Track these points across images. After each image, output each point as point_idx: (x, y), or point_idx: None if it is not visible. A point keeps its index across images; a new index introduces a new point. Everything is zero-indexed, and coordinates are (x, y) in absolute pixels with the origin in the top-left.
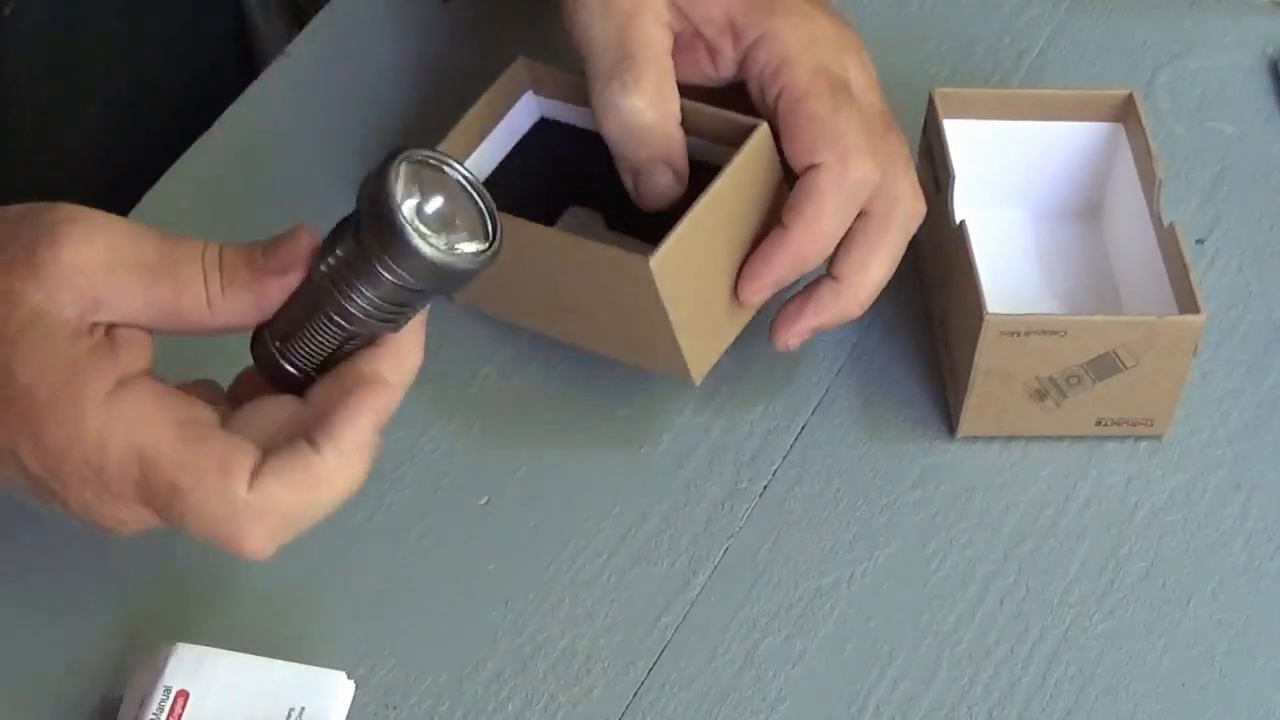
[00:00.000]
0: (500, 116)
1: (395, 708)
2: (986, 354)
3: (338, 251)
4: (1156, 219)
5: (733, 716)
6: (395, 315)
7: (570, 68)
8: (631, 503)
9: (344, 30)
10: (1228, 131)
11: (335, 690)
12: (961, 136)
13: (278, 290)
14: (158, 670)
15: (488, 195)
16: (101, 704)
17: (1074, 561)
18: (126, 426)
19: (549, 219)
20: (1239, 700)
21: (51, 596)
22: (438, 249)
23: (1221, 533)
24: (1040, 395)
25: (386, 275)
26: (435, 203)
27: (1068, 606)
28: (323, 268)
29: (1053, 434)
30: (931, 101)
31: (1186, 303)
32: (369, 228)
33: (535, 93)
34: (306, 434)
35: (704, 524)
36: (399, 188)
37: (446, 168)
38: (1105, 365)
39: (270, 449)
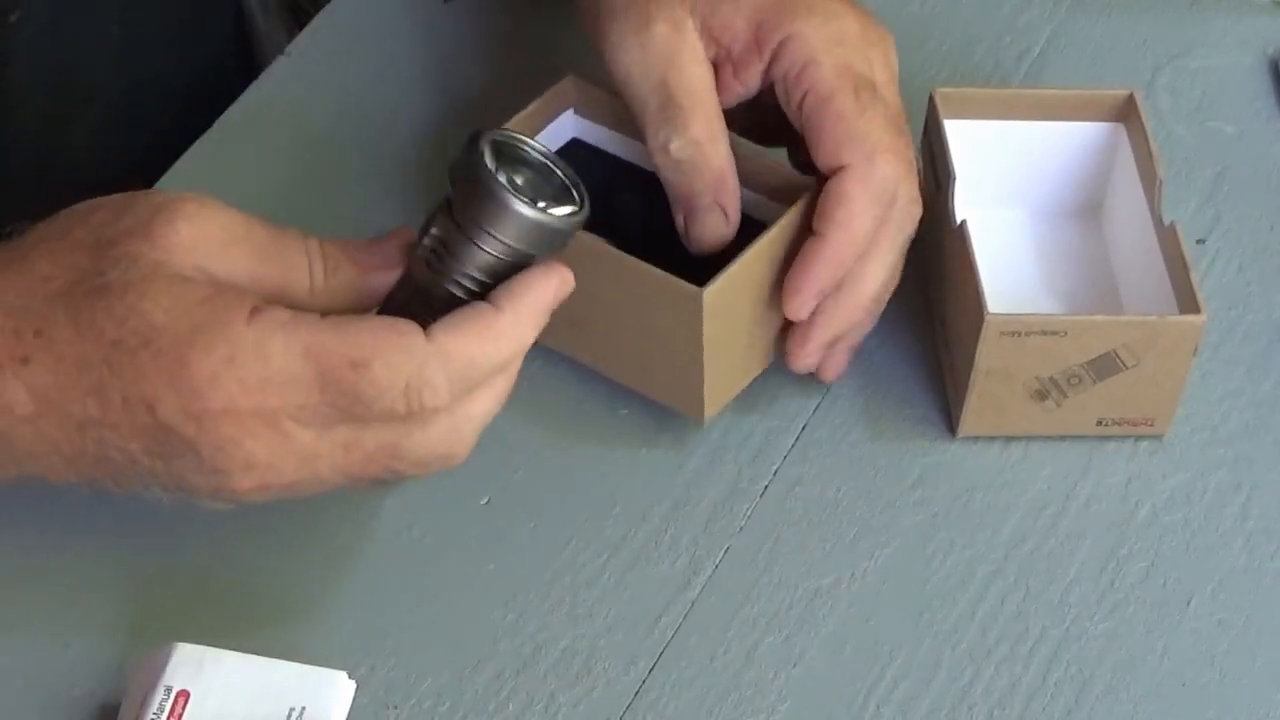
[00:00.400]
0: (539, 130)
1: (395, 708)
2: (987, 354)
3: (434, 232)
4: (1157, 219)
5: (733, 716)
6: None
7: (590, 77)
8: (631, 503)
9: (344, 30)
10: (1228, 131)
11: (335, 690)
12: (961, 136)
13: (380, 282)
14: (158, 670)
15: (567, 166)
16: (101, 704)
17: (1074, 561)
18: (284, 332)
19: None
20: (1239, 700)
21: (52, 596)
22: (537, 210)
23: (1221, 533)
24: (1040, 395)
25: (486, 248)
26: (521, 174)
27: (1068, 606)
28: (421, 254)
29: (1053, 434)
30: (931, 101)
31: (1187, 303)
32: (465, 203)
33: (577, 112)
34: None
35: (704, 524)
36: (490, 161)
37: (523, 145)
38: (1105, 365)
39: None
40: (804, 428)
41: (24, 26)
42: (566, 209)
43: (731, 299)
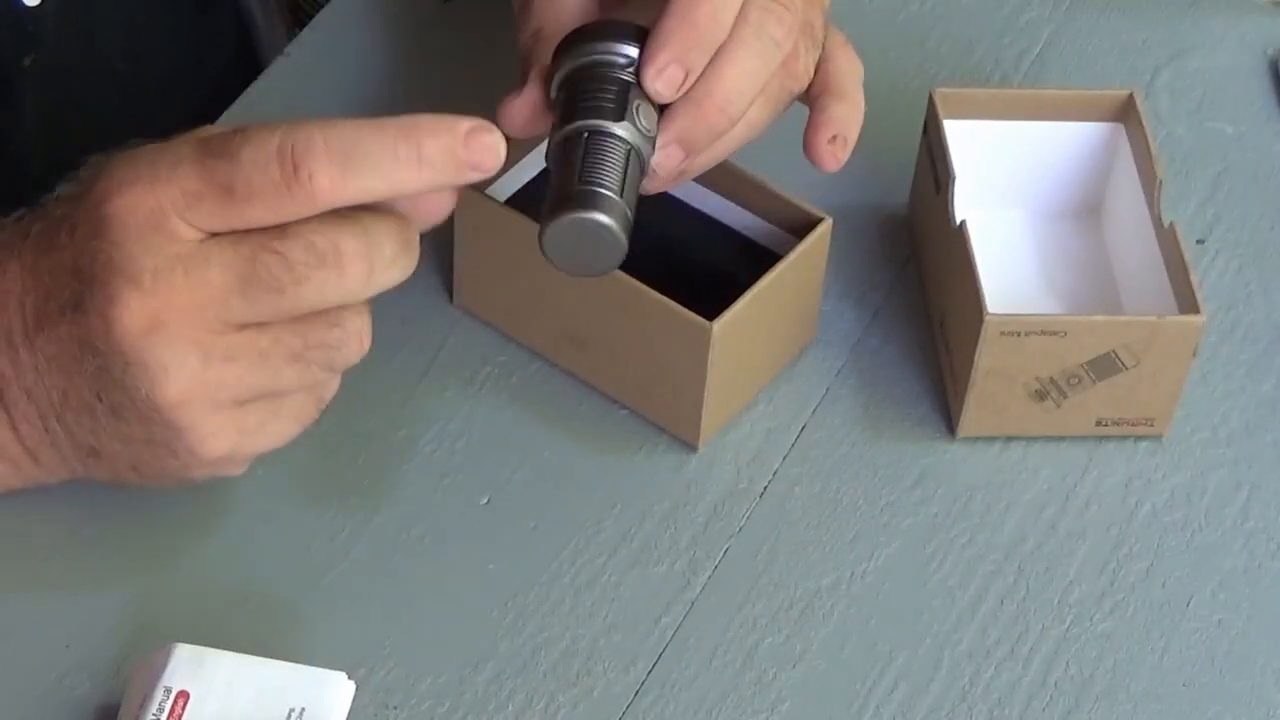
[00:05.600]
0: (541, 140)
1: (395, 708)
2: (986, 354)
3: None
4: (1156, 219)
5: (733, 716)
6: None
7: None
8: (631, 503)
9: (344, 30)
10: (1228, 131)
11: (335, 690)
12: (961, 136)
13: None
14: (158, 670)
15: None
16: (101, 704)
17: (1074, 561)
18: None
19: None
20: (1239, 700)
21: (51, 596)
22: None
23: (1221, 533)
24: (1040, 395)
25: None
26: None
27: (1068, 606)
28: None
29: (1053, 434)
30: (931, 101)
31: (1186, 303)
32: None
33: None
34: None
35: (704, 524)
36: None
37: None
38: (1105, 365)
39: None
40: (804, 428)
41: (36, 67)
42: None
43: (739, 331)
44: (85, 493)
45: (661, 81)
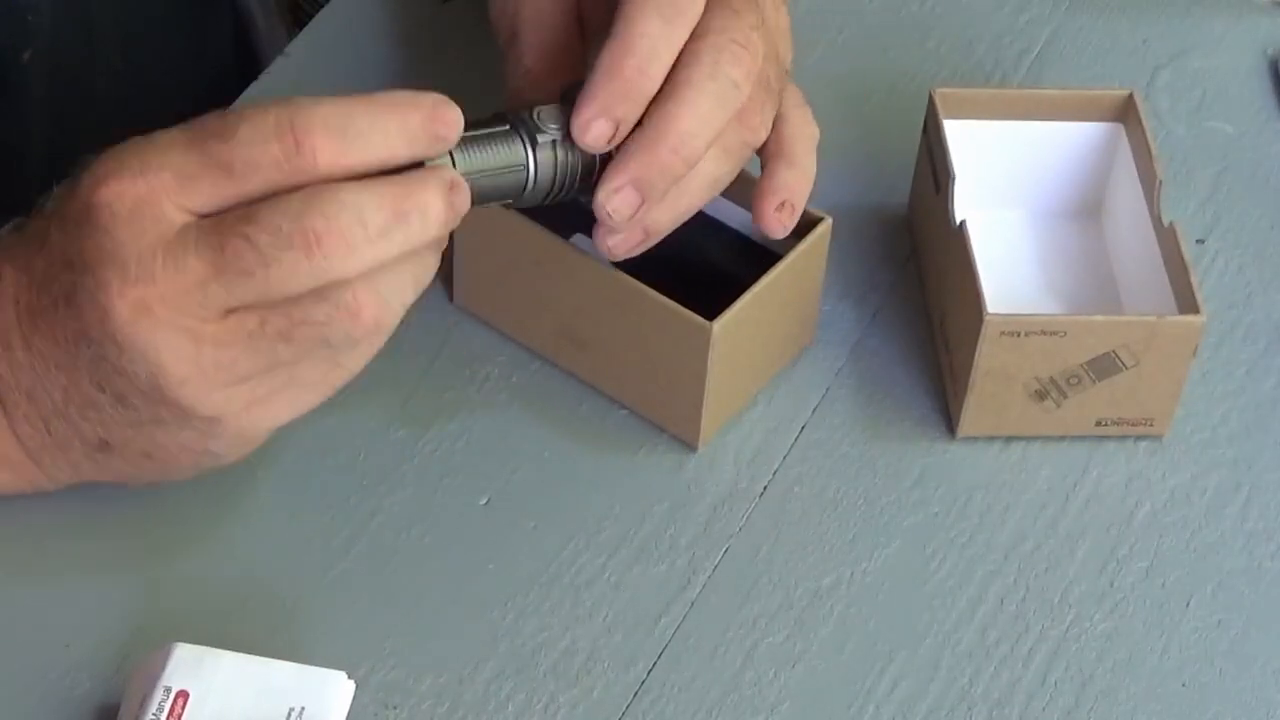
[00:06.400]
0: None
1: (395, 708)
2: (986, 354)
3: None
4: (1156, 219)
5: (733, 716)
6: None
7: None
8: (631, 503)
9: (344, 30)
10: (1228, 131)
11: (335, 690)
12: (961, 136)
13: None
14: (158, 670)
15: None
16: (101, 704)
17: (1074, 561)
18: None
19: None
20: (1239, 700)
21: (51, 596)
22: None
23: (1221, 533)
24: (1040, 395)
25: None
26: None
27: (1068, 606)
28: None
29: (1053, 434)
30: (931, 101)
31: (1186, 303)
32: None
33: None
34: None
35: (704, 524)
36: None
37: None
38: (1105, 365)
39: None
40: (803, 428)
41: (35, 62)
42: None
43: (739, 331)
44: (85, 492)
45: (590, 135)
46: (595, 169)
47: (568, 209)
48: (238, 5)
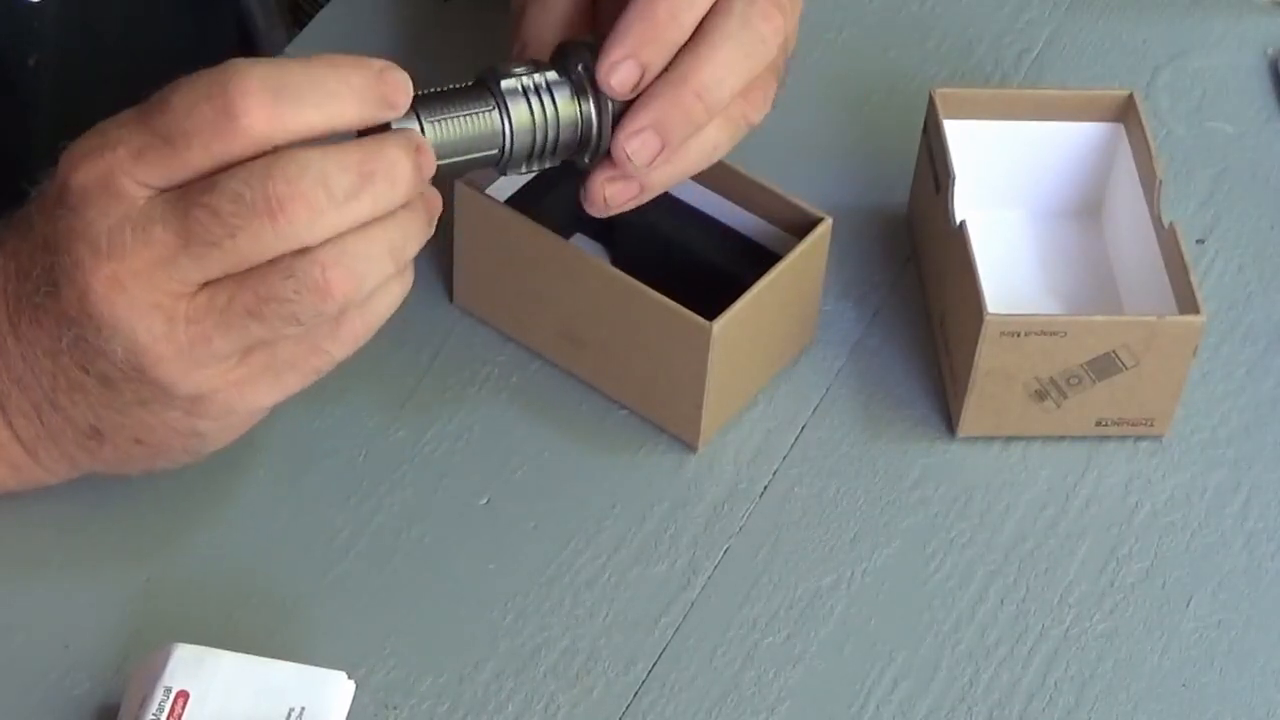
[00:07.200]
0: None
1: (395, 708)
2: (986, 354)
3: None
4: (1156, 219)
5: (733, 716)
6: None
7: None
8: (631, 503)
9: (344, 30)
10: (1228, 131)
11: (335, 690)
12: (961, 136)
13: None
14: (158, 670)
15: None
16: (101, 704)
17: (1074, 561)
18: None
19: None
20: (1239, 700)
21: (51, 596)
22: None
23: (1221, 533)
24: (1040, 395)
25: None
26: None
27: (1068, 606)
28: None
29: (1053, 434)
30: (931, 101)
31: (1186, 303)
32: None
33: None
34: None
35: (704, 524)
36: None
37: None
38: (1105, 365)
39: None
40: (803, 428)
41: (40, 66)
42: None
43: (739, 331)
44: (84, 492)
45: (616, 77)
46: (580, 126)
47: (568, 209)
48: (238, 6)
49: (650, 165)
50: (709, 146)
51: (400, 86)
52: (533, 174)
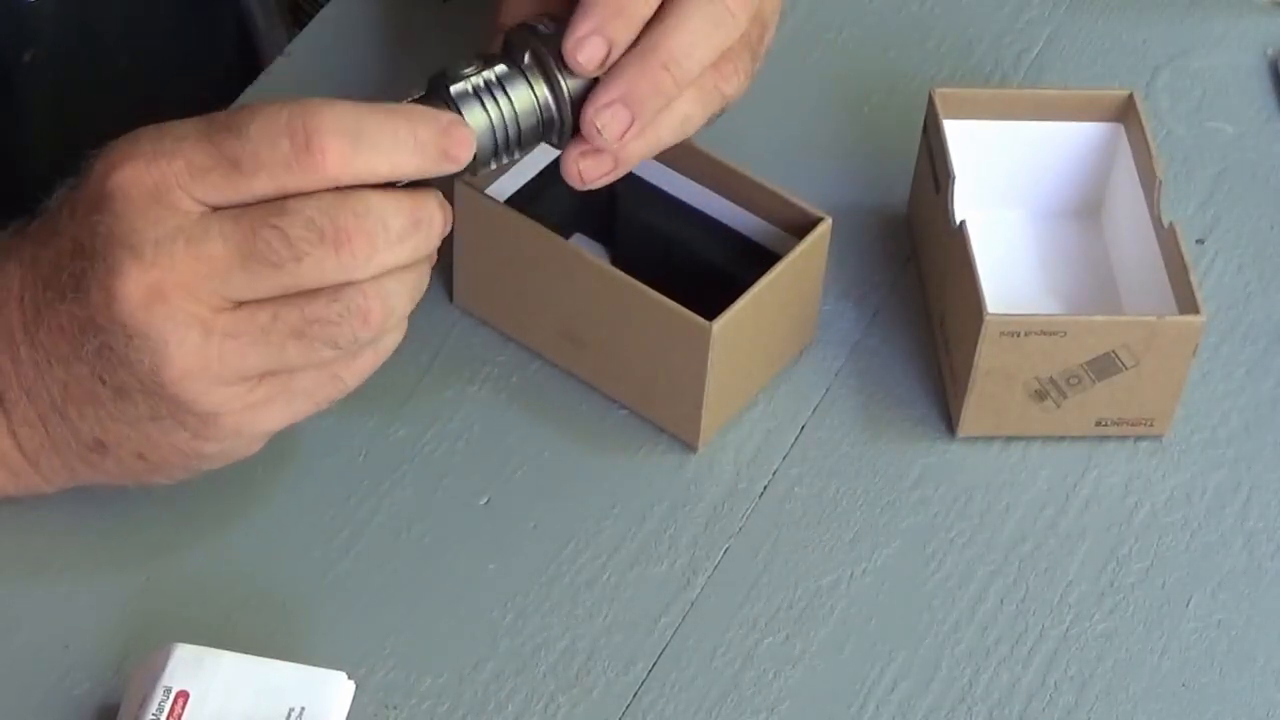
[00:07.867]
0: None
1: (395, 708)
2: (986, 354)
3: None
4: (1156, 219)
5: (733, 716)
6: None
7: None
8: (631, 503)
9: (344, 30)
10: (1228, 131)
11: (335, 690)
12: (961, 136)
13: None
14: (158, 670)
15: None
16: (101, 704)
17: (1074, 561)
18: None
19: None
20: (1239, 700)
21: (51, 597)
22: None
23: (1221, 533)
24: (1040, 395)
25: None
26: None
27: (1068, 606)
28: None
29: (1053, 434)
30: (931, 101)
31: (1186, 303)
32: None
33: None
34: None
35: (704, 524)
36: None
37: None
38: (1105, 365)
39: None
40: (803, 428)
41: (36, 63)
42: None
43: (738, 331)
44: (85, 493)
45: (583, 53)
46: (539, 113)
47: (568, 209)
48: (238, 5)
49: (621, 139)
50: (680, 119)
51: (464, 142)
52: (514, 163)
